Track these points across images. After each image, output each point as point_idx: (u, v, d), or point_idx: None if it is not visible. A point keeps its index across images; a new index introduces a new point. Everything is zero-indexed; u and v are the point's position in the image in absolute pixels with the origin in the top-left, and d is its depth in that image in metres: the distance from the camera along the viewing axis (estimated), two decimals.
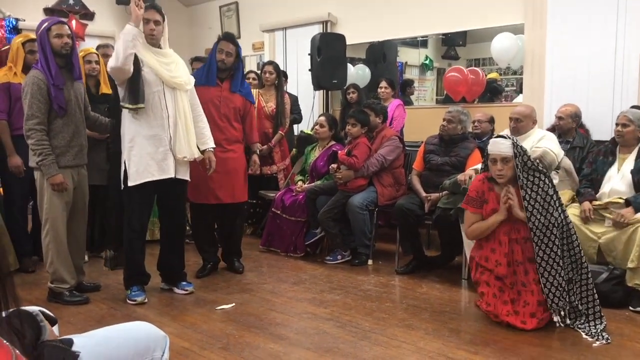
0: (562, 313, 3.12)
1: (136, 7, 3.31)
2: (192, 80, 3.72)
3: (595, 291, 3.18)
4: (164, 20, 3.54)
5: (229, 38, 4.11)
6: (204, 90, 4.01)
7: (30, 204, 4.47)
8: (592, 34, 4.83)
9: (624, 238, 3.50)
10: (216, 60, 4.06)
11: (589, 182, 3.89)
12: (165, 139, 3.53)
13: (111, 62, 3.38)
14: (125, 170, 3.53)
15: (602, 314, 3.14)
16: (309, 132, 6.11)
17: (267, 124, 5.46)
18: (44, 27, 3.46)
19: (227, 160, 4.10)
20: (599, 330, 3.03)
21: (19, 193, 4.30)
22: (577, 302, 3.14)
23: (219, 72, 4.09)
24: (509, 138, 3.22)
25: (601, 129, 4.62)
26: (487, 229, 3.23)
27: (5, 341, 1.02)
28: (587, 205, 3.73)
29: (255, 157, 4.34)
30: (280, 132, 5.49)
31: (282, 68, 6.09)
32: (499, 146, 3.17)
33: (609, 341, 2.93)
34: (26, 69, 4.02)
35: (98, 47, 4.81)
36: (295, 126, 6.24)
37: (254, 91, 5.40)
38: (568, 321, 3.14)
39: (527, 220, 3.08)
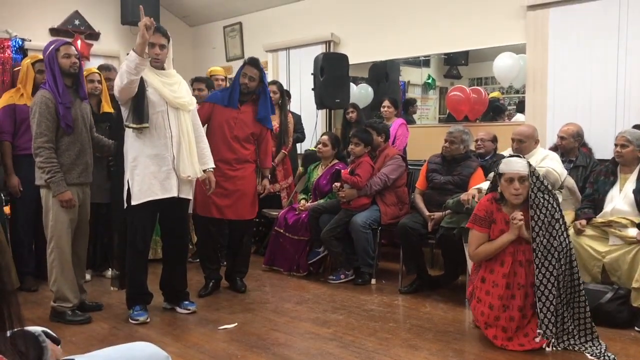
0: (552, 340, 3.06)
1: (145, 31, 3.24)
2: (194, 100, 3.76)
3: (591, 319, 3.14)
4: (168, 42, 3.58)
5: (253, 63, 4.15)
6: (224, 110, 4.10)
7: None
8: (594, 52, 4.86)
9: (628, 258, 3.49)
10: (239, 84, 4.12)
11: (590, 202, 3.89)
12: (169, 158, 3.54)
13: (116, 85, 3.41)
14: (128, 189, 3.54)
15: (599, 339, 3.11)
16: (314, 149, 6.14)
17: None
18: (52, 48, 3.53)
19: (235, 179, 4.14)
20: (602, 350, 3.00)
21: (23, 212, 4.32)
22: (572, 327, 3.12)
23: (241, 95, 4.14)
24: (522, 157, 3.22)
25: (604, 147, 4.61)
26: (496, 250, 3.15)
27: None
28: (581, 221, 3.77)
29: (265, 182, 4.37)
30: (283, 150, 5.51)
31: (285, 87, 6.13)
32: (516, 165, 3.12)
33: None
34: (36, 88, 4.06)
35: (100, 69, 4.86)
36: (299, 145, 6.26)
37: None
38: (559, 347, 3.09)
39: (532, 241, 3.05)
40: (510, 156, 3.32)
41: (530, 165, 3.14)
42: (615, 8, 4.74)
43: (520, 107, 6.13)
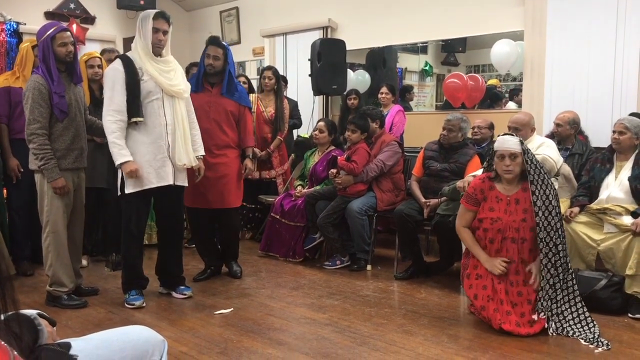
0: (547, 314, 3.14)
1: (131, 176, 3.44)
2: (189, 87, 3.74)
3: (581, 299, 3.23)
4: (169, 27, 3.55)
5: (215, 42, 4.10)
6: (196, 96, 4.01)
7: None
8: (592, 40, 4.84)
9: (623, 245, 3.51)
10: (204, 66, 4.07)
11: (586, 189, 3.90)
12: (164, 147, 3.53)
13: (107, 131, 3.45)
14: (122, 177, 3.52)
15: (592, 319, 3.18)
16: (306, 135, 6.12)
17: (266, 129, 5.47)
18: (48, 35, 3.46)
19: (216, 166, 4.08)
20: (595, 336, 3.04)
21: (17, 196, 4.31)
22: (568, 312, 3.19)
23: (208, 77, 4.09)
24: (514, 135, 3.29)
25: (601, 135, 4.61)
26: (471, 250, 3.36)
27: (3, 342, 1.02)
28: (574, 209, 3.79)
29: (247, 161, 4.24)
30: (279, 137, 5.50)
31: (282, 73, 6.10)
32: (507, 143, 3.23)
33: (609, 347, 2.93)
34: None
35: (103, 52, 4.83)
36: (294, 131, 6.25)
37: (253, 96, 5.42)
38: (554, 327, 3.16)
39: (535, 215, 3.13)
40: (505, 134, 3.38)
41: (522, 143, 3.21)
42: None
43: (511, 95, 6.15)
